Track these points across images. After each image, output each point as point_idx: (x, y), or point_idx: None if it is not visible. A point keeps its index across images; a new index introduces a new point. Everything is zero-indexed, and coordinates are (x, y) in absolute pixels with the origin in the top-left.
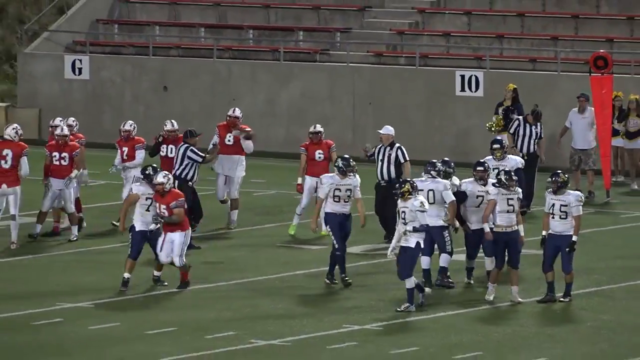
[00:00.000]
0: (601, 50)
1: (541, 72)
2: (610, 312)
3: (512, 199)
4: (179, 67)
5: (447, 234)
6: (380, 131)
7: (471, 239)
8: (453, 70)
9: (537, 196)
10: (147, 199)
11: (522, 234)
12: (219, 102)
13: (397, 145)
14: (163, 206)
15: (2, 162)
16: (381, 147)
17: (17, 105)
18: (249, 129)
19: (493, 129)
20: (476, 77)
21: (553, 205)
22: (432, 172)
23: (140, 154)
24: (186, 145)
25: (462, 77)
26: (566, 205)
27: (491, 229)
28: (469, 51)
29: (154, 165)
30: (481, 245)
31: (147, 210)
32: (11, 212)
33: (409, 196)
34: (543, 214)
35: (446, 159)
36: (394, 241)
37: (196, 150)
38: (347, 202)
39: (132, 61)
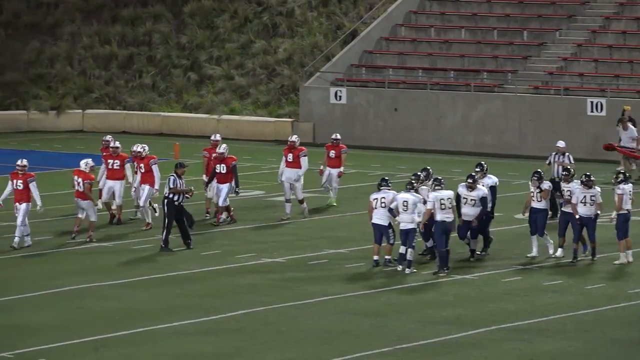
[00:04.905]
0: None
1: None
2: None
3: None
4: (405, 95)
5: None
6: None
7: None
8: (585, 98)
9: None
10: (378, 200)
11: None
12: (430, 118)
13: (567, 153)
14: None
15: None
16: (556, 154)
17: (299, 120)
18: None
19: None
20: (601, 103)
21: (563, 190)
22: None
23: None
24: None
25: (592, 102)
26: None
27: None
28: (596, 86)
29: (387, 177)
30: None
31: (383, 207)
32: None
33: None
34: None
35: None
36: None
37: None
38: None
39: (374, 92)
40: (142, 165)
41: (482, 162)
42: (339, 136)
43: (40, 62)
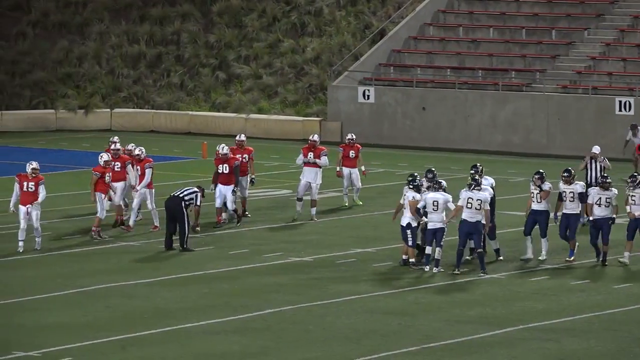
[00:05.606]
0: None
1: None
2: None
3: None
4: (433, 95)
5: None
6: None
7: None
8: (614, 97)
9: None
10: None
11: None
12: (458, 118)
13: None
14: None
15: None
16: (592, 159)
17: (327, 119)
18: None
19: None
20: (629, 102)
21: (564, 192)
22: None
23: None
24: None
25: (620, 102)
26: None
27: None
28: (624, 85)
29: (416, 173)
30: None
31: (404, 209)
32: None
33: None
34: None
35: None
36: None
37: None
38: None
39: (402, 91)
40: (138, 167)
41: (477, 164)
42: (354, 136)
43: (69, 61)
